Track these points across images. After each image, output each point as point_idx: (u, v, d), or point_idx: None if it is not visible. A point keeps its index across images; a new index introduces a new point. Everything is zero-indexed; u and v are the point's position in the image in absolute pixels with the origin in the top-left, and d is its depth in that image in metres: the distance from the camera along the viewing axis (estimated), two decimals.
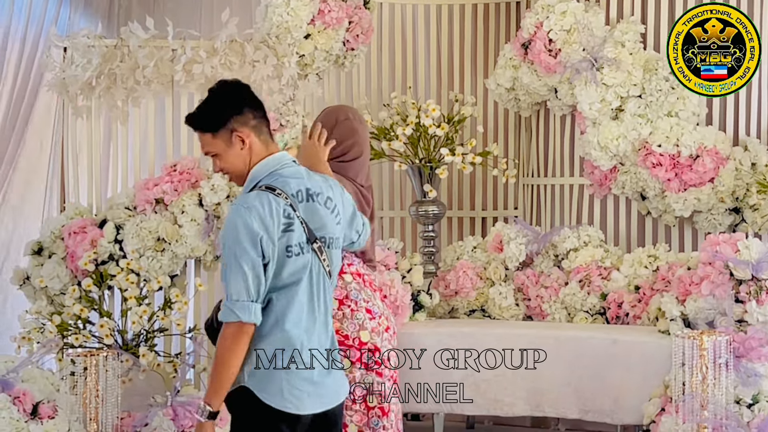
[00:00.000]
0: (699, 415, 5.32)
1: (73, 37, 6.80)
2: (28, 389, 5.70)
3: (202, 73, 6.76)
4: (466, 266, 7.04)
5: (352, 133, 5.10)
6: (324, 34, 7.04)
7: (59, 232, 6.76)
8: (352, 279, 4.94)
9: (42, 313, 6.43)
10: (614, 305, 6.68)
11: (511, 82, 7.35)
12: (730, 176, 6.71)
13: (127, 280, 6.38)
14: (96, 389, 5.57)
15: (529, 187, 7.75)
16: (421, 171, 7.26)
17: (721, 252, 5.99)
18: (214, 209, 6.70)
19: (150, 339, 6.40)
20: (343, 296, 4.93)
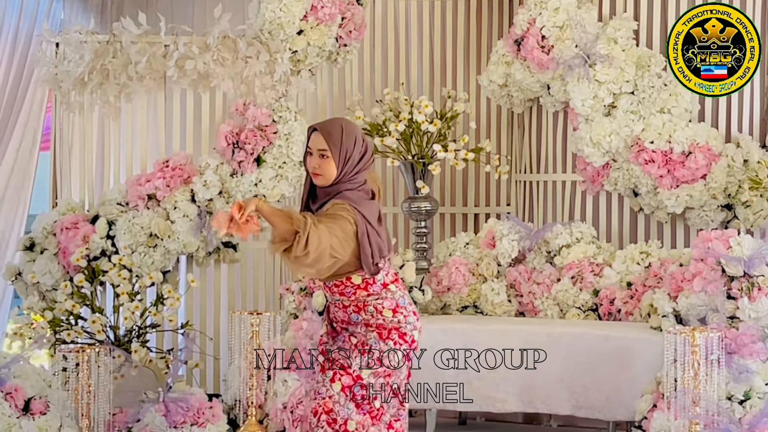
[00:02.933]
0: (691, 412, 5.32)
1: (66, 33, 6.80)
2: (20, 385, 5.70)
3: (195, 68, 6.76)
4: (458, 262, 7.04)
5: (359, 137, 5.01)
6: (317, 30, 7.04)
7: (51, 228, 6.75)
8: (396, 288, 4.92)
9: (34, 308, 6.43)
10: (606, 301, 6.69)
11: (504, 79, 7.35)
12: (723, 173, 6.72)
13: (119, 276, 6.38)
14: (88, 385, 5.57)
15: (521, 183, 7.75)
16: (413, 167, 7.26)
17: (713, 248, 5.99)
18: (206, 205, 6.70)
19: (142, 335, 6.41)
20: (394, 305, 4.91)
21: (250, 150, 6.80)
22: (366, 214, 4.72)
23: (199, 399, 5.92)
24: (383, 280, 4.80)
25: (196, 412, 5.83)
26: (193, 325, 6.71)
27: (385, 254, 4.80)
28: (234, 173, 6.83)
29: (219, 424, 5.96)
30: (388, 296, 4.83)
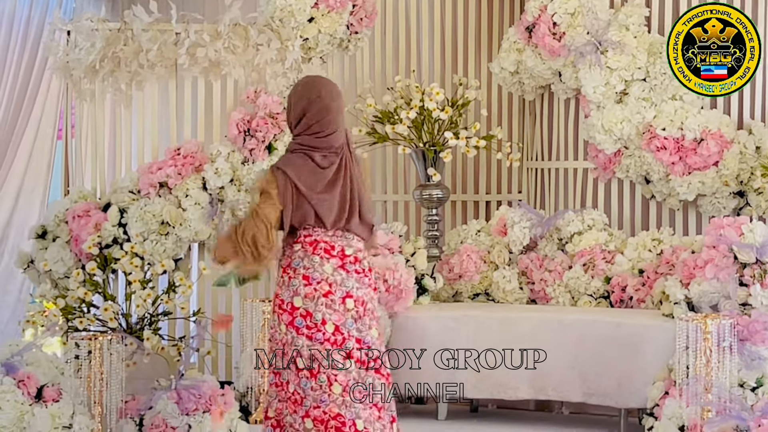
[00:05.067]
0: (703, 399, 5.32)
1: (77, 21, 6.81)
2: (32, 373, 5.71)
3: (206, 56, 6.77)
4: (470, 250, 7.04)
5: (326, 111, 5.00)
6: (328, 18, 7.03)
7: (63, 216, 6.77)
8: (300, 247, 4.90)
9: (46, 296, 6.45)
10: (618, 289, 6.68)
11: (515, 66, 7.33)
12: (735, 160, 6.70)
13: (131, 264, 6.39)
14: (100, 373, 5.59)
15: (533, 170, 7.74)
16: (425, 155, 7.25)
17: (725, 235, 5.98)
18: (218, 193, 6.71)
19: (154, 322, 6.42)
20: (286, 264, 4.91)
21: (261, 137, 6.81)
22: (291, 175, 4.77)
23: (211, 386, 5.92)
24: (303, 244, 4.83)
25: (208, 399, 5.84)
26: (205, 312, 6.72)
27: (310, 223, 4.81)
28: (245, 161, 6.83)
29: (231, 411, 5.97)
30: (292, 257, 4.84)
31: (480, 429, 6.52)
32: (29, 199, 7.63)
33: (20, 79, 7.52)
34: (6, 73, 7.51)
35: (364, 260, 4.90)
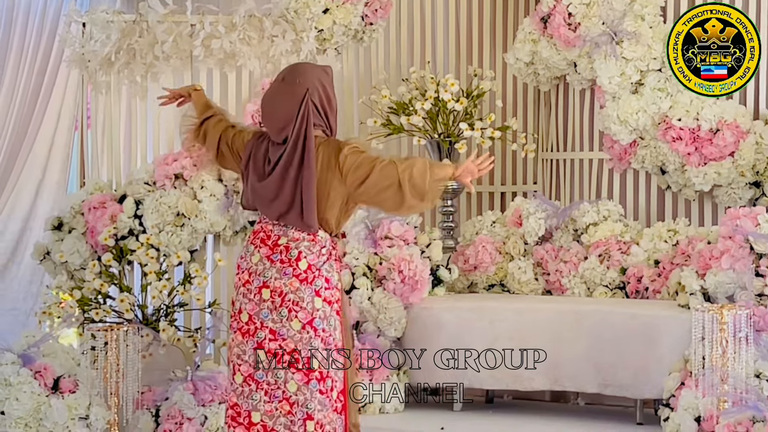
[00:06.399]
0: (719, 389, 5.32)
1: (92, 13, 6.81)
2: (49, 364, 5.75)
3: (221, 48, 6.76)
4: (485, 241, 7.03)
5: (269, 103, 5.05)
6: (343, 9, 7.03)
7: (79, 207, 6.78)
8: (248, 234, 5.02)
9: (62, 288, 6.46)
10: (634, 280, 6.68)
11: (530, 57, 7.32)
12: (751, 150, 6.69)
13: (146, 255, 6.40)
14: (116, 364, 5.61)
15: (548, 161, 7.73)
16: (440, 146, 7.25)
17: (741, 226, 5.98)
18: (233, 184, 6.71)
19: (170, 314, 6.43)
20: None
21: None
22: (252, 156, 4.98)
23: (226, 377, 5.94)
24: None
25: (224, 390, 5.86)
26: (221, 303, 6.73)
27: (250, 206, 4.99)
28: None
29: None
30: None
31: (495, 420, 6.52)
32: (51, 190, 7.67)
33: (35, 70, 7.54)
34: (22, 65, 7.53)
35: (294, 249, 4.86)
